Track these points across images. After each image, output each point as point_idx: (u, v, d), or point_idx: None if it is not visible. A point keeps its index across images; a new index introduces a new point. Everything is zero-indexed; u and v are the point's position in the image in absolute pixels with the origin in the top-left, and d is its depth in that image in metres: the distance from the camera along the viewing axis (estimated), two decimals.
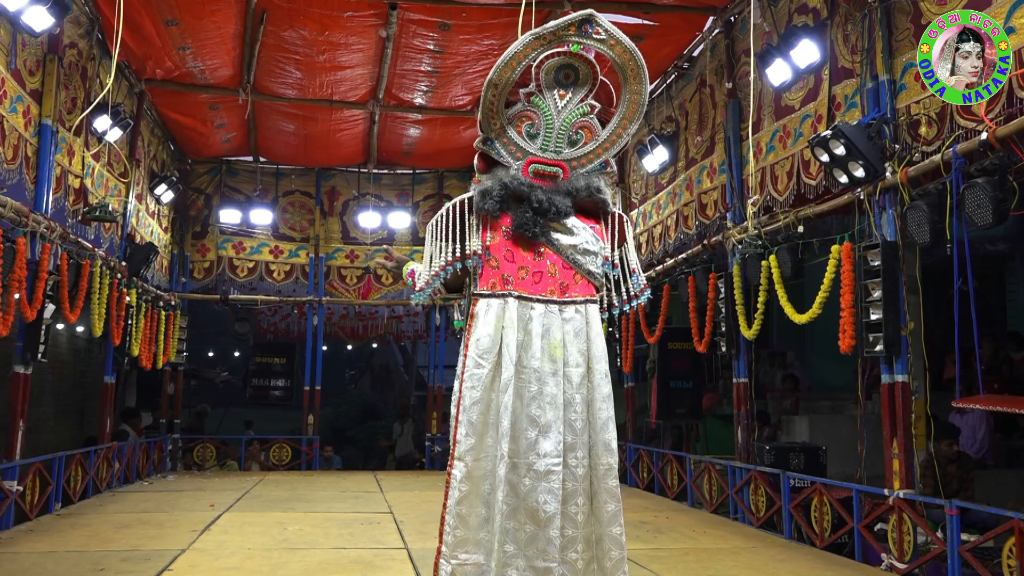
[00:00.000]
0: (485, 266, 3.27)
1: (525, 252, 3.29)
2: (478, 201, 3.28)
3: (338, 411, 19.56)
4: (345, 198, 13.54)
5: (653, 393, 10.46)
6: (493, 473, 3.14)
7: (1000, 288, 9.91)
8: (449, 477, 3.17)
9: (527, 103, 3.33)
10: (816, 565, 5.79)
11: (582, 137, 3.41)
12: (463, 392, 3.18)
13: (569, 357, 3.25)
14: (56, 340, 11.26)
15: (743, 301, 7.60)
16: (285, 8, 8.37)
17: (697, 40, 8.92)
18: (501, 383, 3.16)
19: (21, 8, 6.39)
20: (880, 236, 5.90)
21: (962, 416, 7.23)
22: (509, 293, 3.24)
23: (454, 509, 3.14)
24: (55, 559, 5.59)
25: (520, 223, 3.25)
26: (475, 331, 3.21)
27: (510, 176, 3.32)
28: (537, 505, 3.13)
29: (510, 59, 3.21)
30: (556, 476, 3.14)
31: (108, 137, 8.71)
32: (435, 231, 3.33)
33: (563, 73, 3.33)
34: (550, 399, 3.18)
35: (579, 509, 3.19)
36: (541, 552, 3.13)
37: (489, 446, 3.16)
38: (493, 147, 3.36)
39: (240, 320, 12.79)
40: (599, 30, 3.22)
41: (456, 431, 3.18)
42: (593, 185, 3.40)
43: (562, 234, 3.33)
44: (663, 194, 9.79)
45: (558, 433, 3.17)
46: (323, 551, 5.91)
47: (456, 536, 3.13)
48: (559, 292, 3.30)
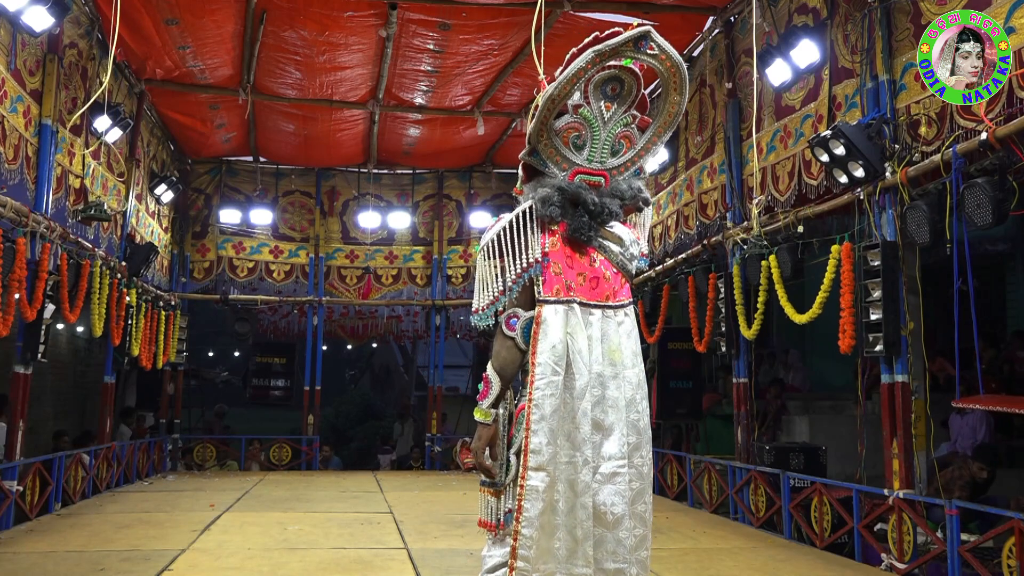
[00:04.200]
0: (547, 272, 3.27)
1: (581, 258, 3.32)
2: (540, 209, 3.28)
3: (338, 411, 19.55)
4: (345, 198, 13.54)
5: (653, 393, 10.46)
6: (564, 480, 3.11)
7: (1000, 288, 9.91)
8: (523, 489, 3.07)
9: (575, 115, 3.35)
10: (816, 565, 5.79)
11: (623, 146, 3.45)
12: (538, 400, 3.10)
13: (626, 359, 3.27)
14: (56, 340, 11.27)
15: (743, 301, 7.60)
16: (285, 8, 8.36)
17: (697, 40, 8.92)
18: (577, 389, 3.15)
19: (21, 8, 6.39)
20: (880, 236, 5.90)
21: (962, 416, 7.23)
22: (573, 299, 3.25)
23: (536, 520, 3.04)
24: (55, 559, 5.59)
25: (577, 227, 3.27)
26: (546, 337, 3.17)
27: (564, 181, 3.33)
28: (605, 508, 3.12)
29: (572, 75, 3.21)
30: (622, 477, 3.14)
31: (108, 137, 8.71)
32: (503, 244, 3.26)
33: (610, 86, 3.36)
34: (612, 402, 3.20)
35: (647, 507, 3.22)
36: (611, 554, 3.12)
37: (560, 453, 3.14)
38: (539, 158, 3.37)
39: (240, 320, 12.80)
40: (653, 46, 3.26)
41: (529, 440, 3.09)
42: (635, 187, 3.47)
43: (610, 240, 3.36)
44: (663, 194, 9.79)
45: (621, 435, 3.18)
46: (323, 551, 5.91)
47: (540, 548, 3.05)
48: (612, 296, 3.33)
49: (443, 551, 5.90)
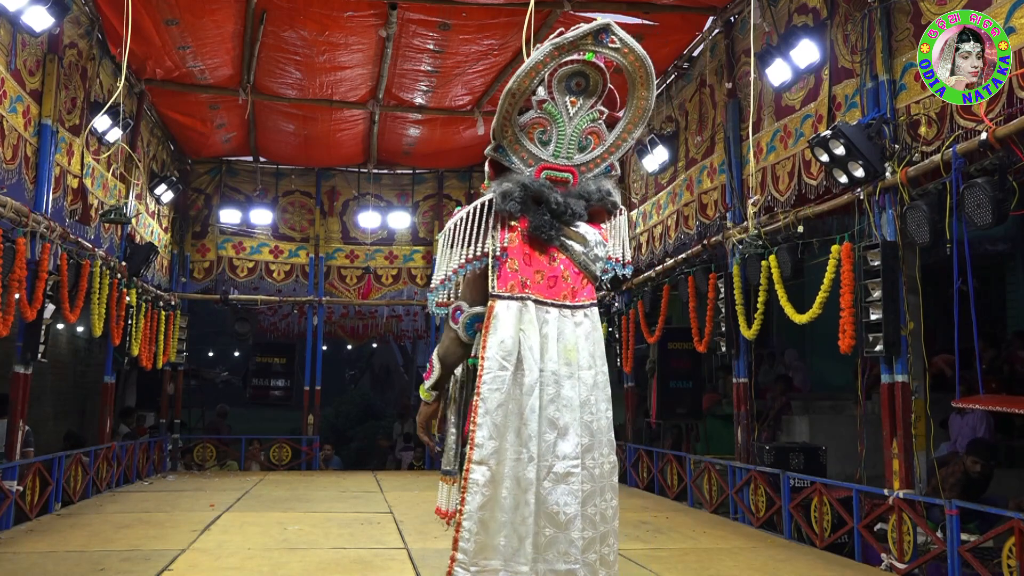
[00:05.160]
0: (503, 268, 3.27)
1: (541, 256, 3.31)
2: (499, 202, 3.28)
3: (338, 411, 19.56)
4: (345, 198, 13.55)
5: (653, 393, 10.46)
6: (512, 476, 3.12)
7: (1000, 288, 9.91)
8: (467, 482, 3.10)
9: (540, 110, 3.34)
10: (816, 565, 5.79)
11: (591, 142, 3.43)
12: (485, 394, 3.13)
13: (582, 360, 3.26)
14: (56, 340, 11.28)
15: (743, 301, 7.60)
16: (285, 8, 8.37)
17: (697, 40, 8.92)
18: (526, 386, 3.15)
19: (21, 8, 6.39)
20: (880, 236, 5.90)
21: (962, 416, 7.23)
22: (527, 296, 3.24)
23: (476, 515, 3.07)
24: (55, 559, 5.59)
25: (538, 225, 3.26)
26: (496, 332, 3.19)
27: (528, 178, 3.33)
28: (558, 508, 3.11)
29: (530, 69, 3.21)
30: (575, 478, 3.14)
31: (108, 137, 8.71)
32: (455, 233, 3.30)
33: (575, 81, 3.35)
34: (567, 401, 3.19)
35: (597, 510, 3.21)
36: (562, 555, 3.12)
37: (508, 449, 3.15)
38: (505, 154, 3.37)
39: (240, 320, 12.80)
40: (614, 39, 3.25)
41: (474, 434, 3.12)
42: (603, 188, 3.43)
43: (574, 239, 3.35)
44: (663, 194, 9.79)
45: (576, 435, 3.18)
46: (323, 551, 5.91)
47: (477, 542, 3.06)
48: (571, 296, 3.32)
49: (443, 551, 5.85)
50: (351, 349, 22.34)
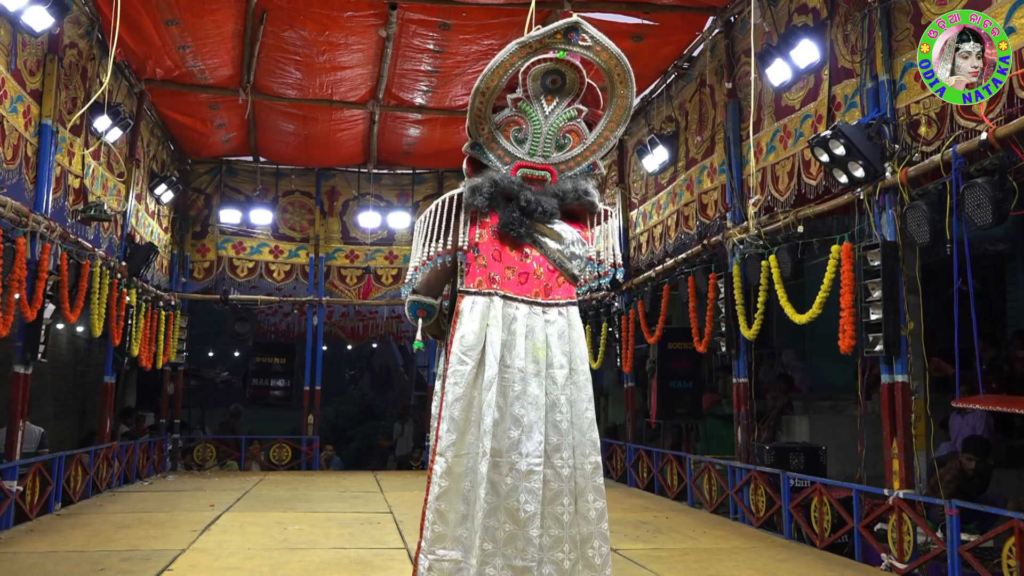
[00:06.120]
0: (472, 263, 3.28)
1: (512, 252, 3.30)
2: (468, 197, 3.30)
3: (338, 411, 19.55)
4: (345, 198, 13.55)
5: (653, 393, 10.46)
6: (474, 470, 3.14)
7: (1000, 288, 9.90)
8: (430, 473, 3.17)
9: (515, 109, 3.34)
10: (816, 565, 5.79)
11: (570, 141, 3.42)
12: (446, 388, 3.19)
13: (553, 359, 3.25)
14: (56, 340, 11.28)
15: (743, 301, 7.60)
16: (285, 8, 8.37)
17: (697, 40, 8.92)
18: (485, 381, 3.16)
19: (21, 8, 6.39)
20: (880, 236, 5.90)
21: (962, 416, 7.23)
22: (495, 292, 3.24)
23: (433, 504, 3.15)
24: (55, 559, 5.59)
25: (507, 222, 3.26)
26: (460, 328, 3.22)
27: (500, 175, 3.33)
28: (518, 504, 3.12)
29: (496, 67, 3.22)
30: (537, 476, 3.14)
31: (108, 137, 8.71)
32: (424, 225, 3.34)
33: (550, 79, 3.34)
34: (532, 399, 3.18)
35: (565, 509, 3.19)
36: (520, 552, 3.12)
37: (470, 443, 3.16)
38: (481, 152, 3.38)
39: (240, 320, 12.79)
40: (585, 37, 3.24)
41: (438, 427, 3.17)
42: (580, 188, 3.41)
43: (549, 237, 3.34)
44: (663, 194, 9.79)
45: (540, 434, 3.16)
46: (323, 551, 5.92)
47: (435, 532, 3.14)
48: (543, 294, 3.30)
49: None
50: (351, 349, 22.30)
